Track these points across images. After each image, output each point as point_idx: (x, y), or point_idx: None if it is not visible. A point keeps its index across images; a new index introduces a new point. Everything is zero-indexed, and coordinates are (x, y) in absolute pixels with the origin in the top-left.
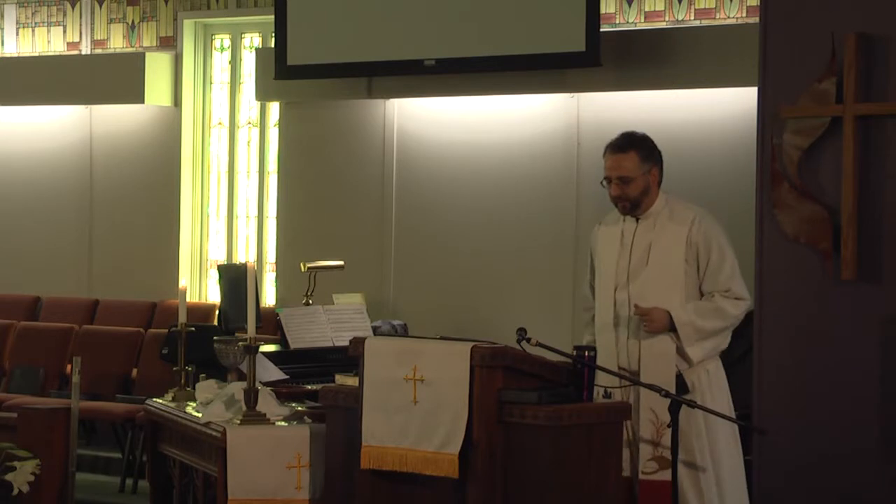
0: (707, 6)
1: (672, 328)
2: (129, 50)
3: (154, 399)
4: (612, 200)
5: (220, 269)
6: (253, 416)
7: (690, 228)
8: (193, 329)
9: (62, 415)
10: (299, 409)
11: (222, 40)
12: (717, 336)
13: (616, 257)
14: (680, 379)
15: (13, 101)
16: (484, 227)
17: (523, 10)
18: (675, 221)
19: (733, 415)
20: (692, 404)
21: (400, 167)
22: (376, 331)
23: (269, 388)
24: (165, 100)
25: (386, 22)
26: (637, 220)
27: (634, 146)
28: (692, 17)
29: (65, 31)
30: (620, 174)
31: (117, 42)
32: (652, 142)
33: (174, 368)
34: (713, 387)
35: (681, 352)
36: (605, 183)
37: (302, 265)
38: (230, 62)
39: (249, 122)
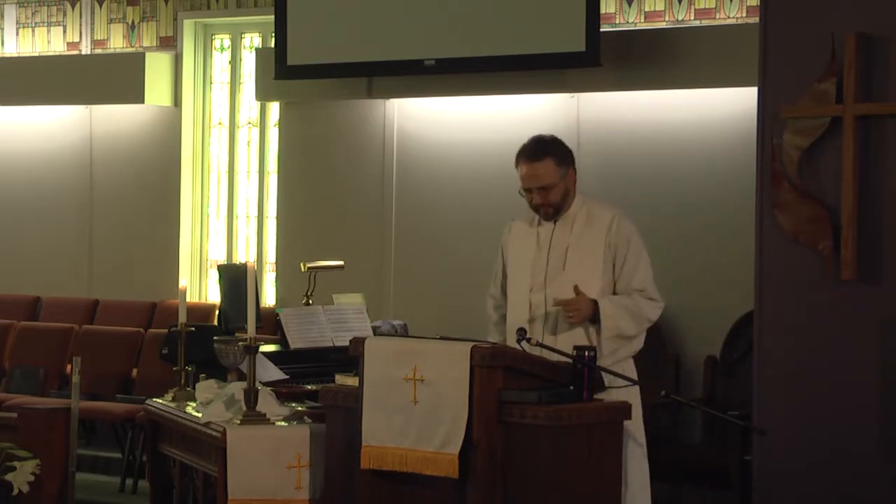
0: (707, 6)
1: (593, 319)
2: (129, 50)
3: (154, 399)
4: (534, 209)
5: (220, 269)
6: (253, 416)
7: (609, 229)
8: (193, 329)
9: (62, 415)
10: (299, 409)
11: (222, 40)
12: (628, 339)
13: (532, 259)
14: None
15: (13, 101)
16: (484, 227)
17: (523, 10)
18: (592, 224)
19: (642, 422)
20: (692, 405)
21: (400, 167)
22: (376, 331)
23: (269, 388)
24: (165, 100)
25: (386, 22)
26: (554, 222)
27: (548, 153)
28: (692, 17)
29: (65, 31)
30: (540, 184)
31: (117, 42)
32: (563, 144)
33: (174, 368)
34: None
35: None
36: (522, 192)
37: (302, 265)
38: (230, 62)
39: (249, 122)
